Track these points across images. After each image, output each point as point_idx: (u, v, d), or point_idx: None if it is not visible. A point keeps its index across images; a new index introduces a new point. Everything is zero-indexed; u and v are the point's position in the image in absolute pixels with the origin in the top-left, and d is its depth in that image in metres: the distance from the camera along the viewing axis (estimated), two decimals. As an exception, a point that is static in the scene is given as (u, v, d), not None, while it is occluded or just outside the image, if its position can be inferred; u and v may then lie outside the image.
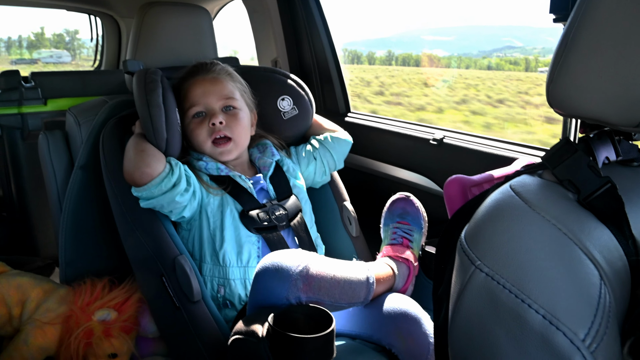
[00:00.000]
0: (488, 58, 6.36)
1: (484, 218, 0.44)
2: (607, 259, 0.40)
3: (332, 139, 1.11)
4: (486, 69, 6.49)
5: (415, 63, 7.49)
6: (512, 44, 5.97)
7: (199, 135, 0.97)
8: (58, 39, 10.87)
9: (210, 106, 0.97)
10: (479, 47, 6.89)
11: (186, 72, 1.02)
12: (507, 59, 5.57)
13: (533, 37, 5.84)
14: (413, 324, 0.79)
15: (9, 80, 1.65)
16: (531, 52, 5.60)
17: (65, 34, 11.00)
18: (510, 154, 1.07)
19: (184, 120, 0.98)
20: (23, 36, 9.92)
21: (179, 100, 0.99)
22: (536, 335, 0.37)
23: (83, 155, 1.07)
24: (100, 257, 1.11)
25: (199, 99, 0.97)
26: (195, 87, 0.98)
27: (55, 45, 10.39)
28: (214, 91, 0.98)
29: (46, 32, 10.47)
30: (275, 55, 1.63)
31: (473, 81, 6.67)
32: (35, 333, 0.96)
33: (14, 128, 1.62)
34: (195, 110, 0.97)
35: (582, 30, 0.43)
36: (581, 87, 0.43)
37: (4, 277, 1.03)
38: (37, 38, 10.36)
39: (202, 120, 0.97)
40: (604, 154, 0.48)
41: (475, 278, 0.41)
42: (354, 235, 1.11)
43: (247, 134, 1.01)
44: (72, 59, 9.29)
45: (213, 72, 1.00)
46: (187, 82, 1.00)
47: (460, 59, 7.32)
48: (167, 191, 0.87)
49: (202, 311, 0.85)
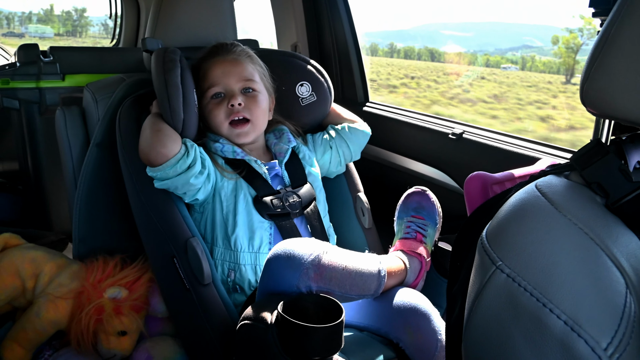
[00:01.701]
0: (499, 56, 6.22)
1: (507, 217, 0.44)
2: (634, 267, 0.39)
3: (349, 129, 1.10)
4: (496, 66, 6.32)
5: (429, 57, 7.31)
6: (532, 44, 5.80)
7: (217, 116, 0.96)
8: (66, 16, 11.25)
9: (230, 87, 0.97)
10: (497, 44, 6.72)
11: (206, 52, 1.01)
12: (516, 58, 5.42)
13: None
14: (422, 320, 0.79)
15: (28, 53, 1.66)
16: (548, 52, 5.44)
17: (74, 12, 11.35)
18: (530, 153, 1.05)
19: (202, 100, 0.98)
20: (34, 12, 10.41)
21: (197, 80, 0.98)
22: (556, 341, 0.37)
23: (99, 133, 1.08)
24: (113, 235, 1.13)
25: (218, 80, 0.97)
26: (215, 68, 0.98)
27: (63, 22, 10.79)
28: (234, 72, 0.97)
29: (55, 9, 10.98)
30: (295, 40, 1.61)
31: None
32: (47, 306, 0.98)
33: (31, 102, 1.64)
34: (215, 90, 0.97)
35: (626, 26, 0.41)
36: (620, 86, 0.42)
37: (19, 250, 1.06)
38: (46, 14, 10.70)
39: (221, 101, 0.97)
40: (635, 158, 0.46)
41: (496, 278, 0.41)
42: (366, 227, 1.10)
43: (265, 117, 1.01)
44: (52, 35, 9.88)
45: (233, 54, 1.00)
46: (207, 62, 0.99)
47: (476, 56, 7.16)
48: (182, 172, 0.87)
49: (212, 294, 0.86)
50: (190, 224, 0.91)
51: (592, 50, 0.44)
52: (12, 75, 1.62)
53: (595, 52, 0.44)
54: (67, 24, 11.17)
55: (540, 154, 1.04)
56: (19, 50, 1.68)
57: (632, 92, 0.41)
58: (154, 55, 0.95)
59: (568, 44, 5.57)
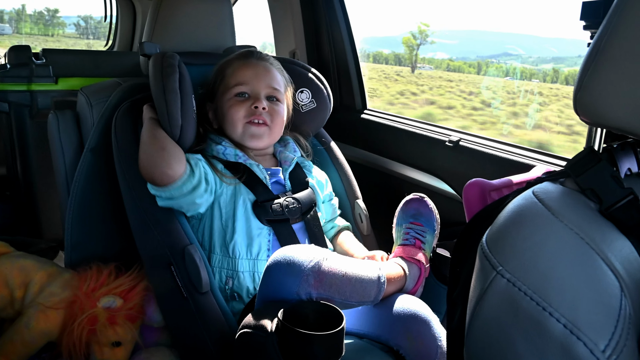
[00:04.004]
0: (479, 61, 6.65)
1: (506, 223, 0.46)
2: (628, 270, 0.41)
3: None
4: (475, 73, 6.80)
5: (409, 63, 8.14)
6: (514, 52, 6.11)
7: (237, 111, 0.98)
8: (38, 15, 11.59)
9: (257, 90, 0.99)
10: (479, 52, 7.10)
11: (237, 55, 1.04)
12: (498, 65, 5.83)
13: (537, 46, 6.02)
14: (422, 326, 0.80)
15: (19, 55, 1.64)
16: (527, 60, 5.78)
17: (46, 12, 11.69)
18: (525, 160, 1.08)
19: (221, 97, 1.00)
20: (6, 10, 10.77)
21: (217, 80, 1.01)
22: (556, 344, 0.38)
23: (94, 138, 1.08)
24: (107, 241, 1.13)
25: (248, 80, 0.99)
26: (247, 69, 1.00)
27: (35, 22, 11.15)
28: (264, 77, 1.00)
29: (27, 9, 11.30)
30: (293, 46, 1.64)
31: (438, 82, 7.06)
32: (37, 317, 0.97)
33: (22, 105, 1.63)
34: (241, 89, 0.99)
35: (616, 38, 0.43)
36: (611, 96, 0.44)
37: (8, 258, 1.04)
38: (17, 13, 10.98)
39: (244, 101, 0.99)
40: (626, 165, 0.49)
41: (497, 283, 0.43)
42: (364, 234, 1.12)
43: (281, 128, 1.04)
44: (11, 32, 10.14)
45: (267, 61, 1.03)
46: (237, 62, 1.02)
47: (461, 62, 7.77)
48: (187, 193, 0.88)
49: (210, 302, 0.87)
50: (187, 231, 0.92)
51: (584, 62, 0.46)
52: (2, 77, 1.61)
53: (587, 63, 0.46)
54: (39, 23, 11.47)
55: (535, 161, 1.07)
56: (9, 52, 1.67)
57: (622, 101, 0.43)
58: (152, 59, 0.96)
59: (408, 43, 7.66)
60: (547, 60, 5.03)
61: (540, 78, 5.40)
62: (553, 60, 4.78)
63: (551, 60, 4.89)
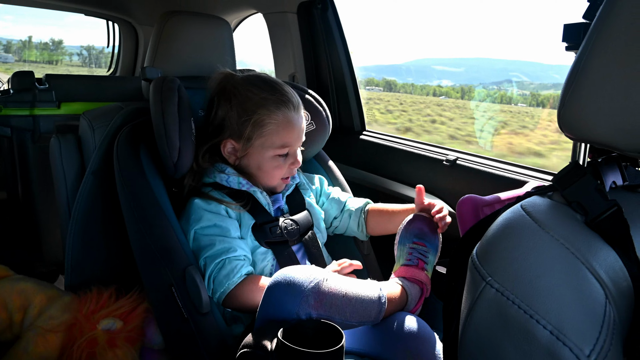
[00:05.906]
0: (479, 90, 6.71)
1: (495, 235, 0.48)
2: (612, 279, 0.44)
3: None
4: (459, 98, 6.95)
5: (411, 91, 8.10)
6: (517, 79, 6.18)
7: (280, 171, 1.00)
8: (43, 46, 12.49)
9: (294, 148, 1.01)
10: (483, 79, 7.22)
11: (275, 103, 0.97)
12: (493, 92, 5.88)
13: (542, 73, 6.12)
14: (423, 344, 0.81)
15: (23, 80, 1.69)
16: (528, 87, 5.86)
17: (51, 43, 12.52)
18: (520, 177, 1.12)
19: (262, 150, 0.98)
20: (14, 40, 12.07)
21: (256, 128, 0.96)
22: (543, 350, 0.41)
23: (96, 161, 1.10)
24: (107, 263, 1.14)
25: (292, 142, 0.99)
26: (291, 129, 0.98)
27: (40, 51, 12.10)
28: (301, 132, 1.01)
29: (33, 40, 12.45)
30: (293, 70, 1.69)
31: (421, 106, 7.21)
32: (36, 340, 0.97)
33: (24, 130, 1.66)
34: (286, 151, 0.99)
35: (594, 58, 0.47)
36: (591, 112, 0.47)
37: (7, 281, 1.05)
38: (24, 44, 11.93)
39: (285, 158, 1.00)
40: (611, 178, 0.52)
41: (486, 293, 0.45)
42: (365, 253, 1.14)
43: None
44: (14, 60, 11.18)
45: (299, 108, 1.01)
46: (279, 115, 0.97)
47: (461, 89, 7.76)
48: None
49: (211, 323, 0.88)
50: (188, 252, 0.93)
51: (566, 80, 0.50)
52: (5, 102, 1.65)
53: (569, 82, 0.49)
54: (44, 53, 12.32)
55: (529, 177, 1.11)
56: (13, 77, 1.71)
57: (602, 117, 0.46)
58: (153, 84, 0.99)
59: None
60: (548, 86, 5.12)
61: (527, 102, 5.50)
62: (553, 87, 4.85)
63: (552, 86, 4.97)
